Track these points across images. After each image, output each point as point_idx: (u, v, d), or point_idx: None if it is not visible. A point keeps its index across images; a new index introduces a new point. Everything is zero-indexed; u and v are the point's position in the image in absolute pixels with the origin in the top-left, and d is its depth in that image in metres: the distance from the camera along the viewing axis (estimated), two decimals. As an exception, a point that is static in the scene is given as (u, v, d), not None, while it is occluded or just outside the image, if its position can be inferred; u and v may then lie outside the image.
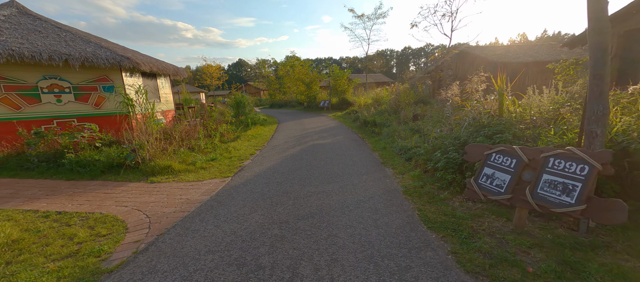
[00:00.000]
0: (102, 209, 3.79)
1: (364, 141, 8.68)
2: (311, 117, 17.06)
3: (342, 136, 9.49)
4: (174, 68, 11.32)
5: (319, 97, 24.20)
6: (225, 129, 9.89)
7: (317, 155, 6.79)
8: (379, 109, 12.69)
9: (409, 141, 6.59)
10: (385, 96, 13.80)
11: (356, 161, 6.07)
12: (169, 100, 11.65)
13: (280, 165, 5.99)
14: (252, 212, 3.58)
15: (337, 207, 3.64)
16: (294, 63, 25.72)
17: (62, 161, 5.50)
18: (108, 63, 7.92)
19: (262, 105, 35.43)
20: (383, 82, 39.38)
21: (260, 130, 11.78)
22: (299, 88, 24.94)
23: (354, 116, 13.67)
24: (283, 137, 9.94)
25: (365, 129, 10.71)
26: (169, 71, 10.83)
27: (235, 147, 8.06)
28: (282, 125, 13.38)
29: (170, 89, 11.88)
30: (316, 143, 8.37)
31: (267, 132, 11.41)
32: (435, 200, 3.64)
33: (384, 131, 9.12)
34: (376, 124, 10.52)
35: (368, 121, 11.08)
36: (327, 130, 11.13)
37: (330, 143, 8.30)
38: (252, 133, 10.74)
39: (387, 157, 6.30)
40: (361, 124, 11.85)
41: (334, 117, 16.27)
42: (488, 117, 4.04)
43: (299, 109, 25.85)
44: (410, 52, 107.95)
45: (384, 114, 11.89)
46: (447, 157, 4.06)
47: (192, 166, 5.89)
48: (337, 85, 22.40)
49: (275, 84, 34.07)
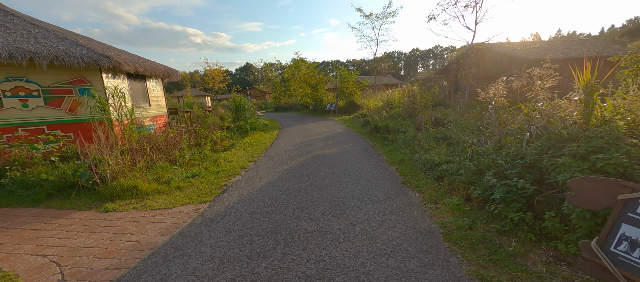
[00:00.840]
0: (8, 262, 2.65)
1: (376, 150, 7.41)
2: (316, 121, 15.88)
3: (351, 144, 8.25)
4: (165, 69, 10.32)
5: (325, 100, 23.03)
6: (218, 136, 8.78)
7: (320, 170, 5.57)
8: (391, 112, 11.41)
9: (436, 153, 5.30)
10: (398, 98, 12.53)
11: (369, 179, 4.81)
12: (161, 105, 10.65)
13: (275, 184, 4.78)
14: (218, 272, 2.38)
15: (347, 265, 2.40)
16: (299, 65, 24.65)
17: (1, 181, 4.43)
18: (83, 62, 6.92)
19: (266, 108, 34.51)
20: (392, 84, 37.97)
21: (259, 136, 10.64)
22: (305, 91, 23.83)
23: (363, 120, 12.41)
24: (283, 145, 8.77)
25: (377, 135, 9.44)
26: (159, 72, 9.83)
27: (226, 158, 6.91)
28: (285, 131, 12.22)
29: (162, 92, 10.88)
30: (320, 153, 7.15)
31: (267, 139, 10.26)
32: (499, 257, 2.36)
33: (399, 139, 7.84)
34: (389, 129, 9.25)
35: (379, 126, 9.81)
36: (334, 137, 9.91)
37: (336, 153, 7.07)
38: (249, 140, 9.60)
39: (408, 173, 5.02)
40: (372, 129, 10.58)
41: (341, 121, 15.05)
42: (570, 126, 2.75)
43: (305, 112, 24.73)
44: (418, 54, 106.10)
45: (397, 118, 10.60)
46: (508, 185, 2.78)
47: (165, 185, 4.75)
48: (344, 88, 21.19)
49: (280, 87, 33.12)
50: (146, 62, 9.46)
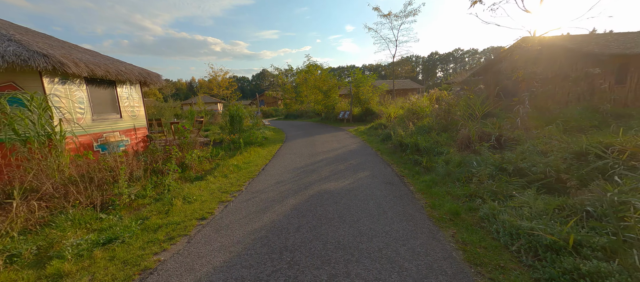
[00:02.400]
0: None
1: (406, 184, 5.11)
2: (327, 132, 13.70)
3: (368, 172, 5.99)
4: (142, 73, 8.54)
5: (339, 107, 20.84)
6: (195, 158, 6.79)
7: (319, 230, 3.37)
8: (418, 124, 9.03)
9: (530, 212, 2.95)
10: (425, 106, 10.13)
11: (410, 271, 2.56)
12: (139, 115, 8.88)
13: (239, 261, 2.65)
14: None
15: None
16: (310, 69, 22.67)
17: None
18: (5, 63, 5.17)
19: (277, 115, 32.78)
20: (412, 88, 35.20)
21: (253, 155, 8.59)
22: (317, 97, 21.77)
23: (383, 134, 10.08)
24: (278, 170, 6.64)
25: (403, 156, 7.10)
26: (132, 77, 8.04)
27: (190, 195, 4.86)
28: (287, 147, 10.12)
29: (141, 100, 9.14)
30: (324, 189, 4.95)
31: (262, 158, 8.18)
32: None
33: (438, 165, 5.49)
34: (419, 148, 6.90)
35: (406, 143, 7.47)
36: (346, 156, 7.67)
37: (347, 190, 4.84)
38: (238, 162, 7.56)
39: (482, 255, 2.71)
40: (395, 146, 8.25)
41: (355, 133, 12.78)
42: None
43: (316, 120, 22.64)
44: (437, 57, 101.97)
45: (428, 132, 8.22)
46: None
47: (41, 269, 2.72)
48: (360, 93, 18.92)
49: (291, 93, 31.31)
50: (113, 63, 7.69)
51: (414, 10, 23.88)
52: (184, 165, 6.35)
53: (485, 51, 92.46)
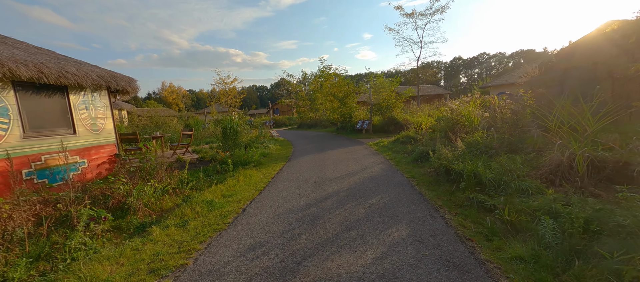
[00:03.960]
0: None
1: (485, 265, 2.69)
2: (342, 146, 11.39)
3: (406, 227, 3.61)
4: (102, 76, 6.74)
5: (356, 115, 18.50)
6: (149, 193, 4.74)
7: None
8: (468, 140, 6.51)
9: None
10: (473, 117, 7.58)
11: None
12: (103, 129, 7.09)
13: None
14: None
15: None
16: (325, 74, 20.59)
17: None
18: None
19: (290, 125, 30.92)
20: (437, 94, 32.15)
21: (242, 182, 6.47)
22: (332, 105, 19.56)
23: (416, 152, 7.62)
24: (267, 212, 4.43)
25: (455, 192, 4.63)
26: (86, 80, 6.23)
27: (95, 278, 2.75)
28: (290, 167, 7.94)
29: (107, 110, 7.36)
30: (329, 274, 2.66)
31: (252, 187, 6.04)
32: None
33: (542, 228, 3.03)
34: (482, 182, 4.43)
35: (456, 171, 5.01)
36: (366, 188, 5.33)
37: (373, 280, 2.53)
38: (215, 195, 5.46)
39: None
40: (436, 172, 5.80)
41: (377, 148, 10.37)
42: None
43: (331, 130, 20.41)
44: (461, 62, 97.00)
45: (485, 152, 5.71)
46: None
47: None
48: (381, 99, 16.51)
49: (304, 101, 29.39)
50: (59, 62, 5.91)
51: (442, 6, 21.26)
52: (125, 206, 4.30)
53: (514, 54, 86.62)
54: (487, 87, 22.29)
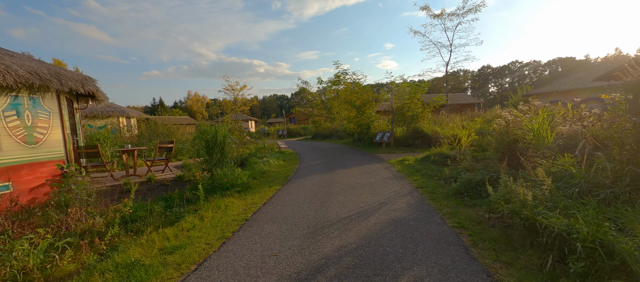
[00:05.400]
0: None
1: None
2: (357, 164, 9.27)
3: None
4: (35, 70, 5.20)
5: (375, 126, 16.30)
6: (35, 252, 2.95)
7: None
8: (550, 169, 4.16)
9: None
10: (544, 133, 5.21)
11: None
12: (44, 142, 5.55)
13: None
14: None
15: None
16: (340, 79, 18.63)
17: None
18: None
19: (305, 135, 29.15)
20: (469, 103, 29.07)
21: (206, 222, 4.57)
22: (349, 114, 17.50)
23: (459, 179, 5.36)
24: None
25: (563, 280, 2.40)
26: (7, 79, 4.71)
27: None
28: (284, 194, 5.96)
29: (56, 118, 5.85)
30: None
31: (217, 232, 4.10)
32: None
33: None
34: (625, 262, 2.15)
35: (552, 231, 2.76)
36: (386, 249, 3.21)
37: None
38: (148, 251, 3.59)
39: None
40: (504, 223, 3.55)
41: (400, 168, 8.14)
42: None
43: (347, 142, 18.26)
44: (490, 71, 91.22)
45: (591, 189, 3.38)
46: None
47: None
48: (405, 108, 14.24)
49: (320, 110, 27.58)
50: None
51: (476, 5, 18.74)
52: None
53: (550, 63, 79.97)
54: (530, 95, 19.23)
